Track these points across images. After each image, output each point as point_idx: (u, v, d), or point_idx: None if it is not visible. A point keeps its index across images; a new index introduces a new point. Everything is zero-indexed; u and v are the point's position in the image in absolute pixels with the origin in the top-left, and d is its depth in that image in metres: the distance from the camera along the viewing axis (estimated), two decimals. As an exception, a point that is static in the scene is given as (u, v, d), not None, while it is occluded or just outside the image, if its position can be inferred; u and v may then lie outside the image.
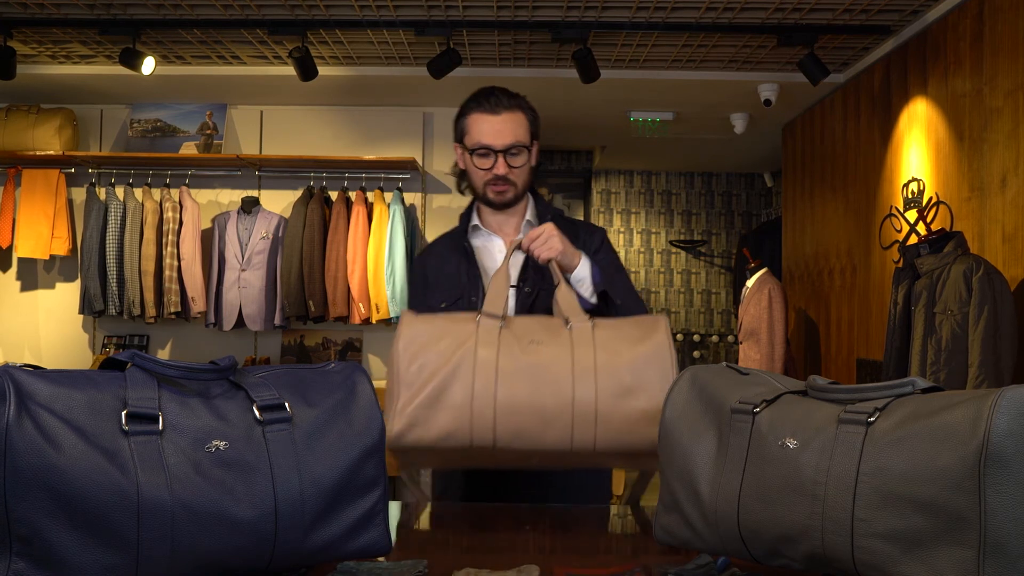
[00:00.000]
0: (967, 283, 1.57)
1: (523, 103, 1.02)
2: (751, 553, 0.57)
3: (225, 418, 0.54)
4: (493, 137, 0.98)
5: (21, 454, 0.47)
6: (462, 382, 0.72)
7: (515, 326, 0.77)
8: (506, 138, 0.98)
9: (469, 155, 1.01)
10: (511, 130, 0.98)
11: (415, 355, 0.73)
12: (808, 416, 0.56)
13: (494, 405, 0.71)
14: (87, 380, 0.51)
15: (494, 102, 0.99)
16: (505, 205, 1.03)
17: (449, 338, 0.74)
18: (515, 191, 1.01)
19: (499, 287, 0.79)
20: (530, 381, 0.72)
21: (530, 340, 0.75)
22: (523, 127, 1.00)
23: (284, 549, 0.53)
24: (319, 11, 2.20)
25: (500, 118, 0.98)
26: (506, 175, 0.99)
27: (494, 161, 0.99)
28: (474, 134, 1.00)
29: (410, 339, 0.74)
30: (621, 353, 0.74)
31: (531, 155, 1.03)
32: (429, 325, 0.76)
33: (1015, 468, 0.45)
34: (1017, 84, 1.70)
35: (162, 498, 0.49)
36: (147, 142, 2.96)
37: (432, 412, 0.72)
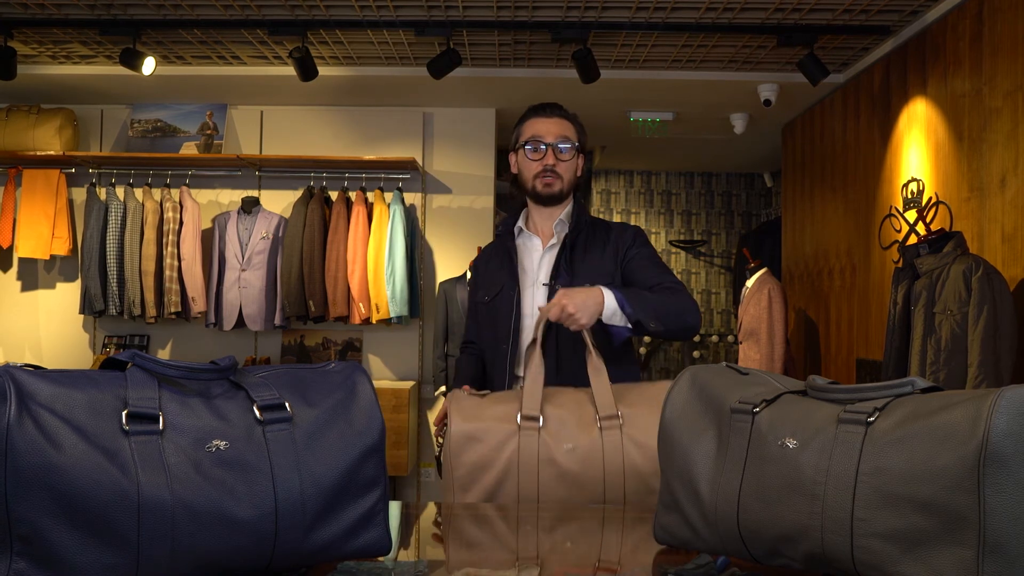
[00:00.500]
0: (966, 283, 1.57)
1: (575, 118, 1.16)
2: (751, 553, 0.57)
3: (225, 418, 0.54)
4: (544, 132, 1.11)
5: (22, 454, 0.47)
6: (509, 488, 0.83)
7: (551, 424, 0.85)
8: (556, 134, 1.11)
9: (523, 150, 1.13)
10: (561, 129, 1.12)
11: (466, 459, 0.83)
12: (808, 416, 0.56)
13: (537, 507, 0.82)
14: (88, 380, 0.51)
15: (549, 109, 1.13)
16: (551, 198, 1.13)
17: (494, 441, 0.83)
18: (561, 185, 1.12)
19: (534, 378, 0.86)
20: (568, 487, 0.83)
21: (567, 445, 0.83)
22: (572, 131, 1.14)
23: (284, 549, 0.53)
24: (319, 11, 2.20)
25: (552, 119, 1.12)
26: (554, 166, 1.11)
27: (544, 153, 1.11)
28: (528, 132, 1.13)
29: (459, 444, 0.83)
30: (646, 453, 0.83)
31: (578, 160, 1.15)
32: (473, 426, 0.84)
33: (1014, 468, 0.45)
34: (1016, 84, 1.70)
35: (162, 498, 0.49)
36: (147, 142, 2.97)
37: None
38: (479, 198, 3.12)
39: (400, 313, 2.78)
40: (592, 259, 1.11)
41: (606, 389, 0.85)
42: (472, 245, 3.06)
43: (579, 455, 0.82)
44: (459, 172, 3.11)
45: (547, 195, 1.11)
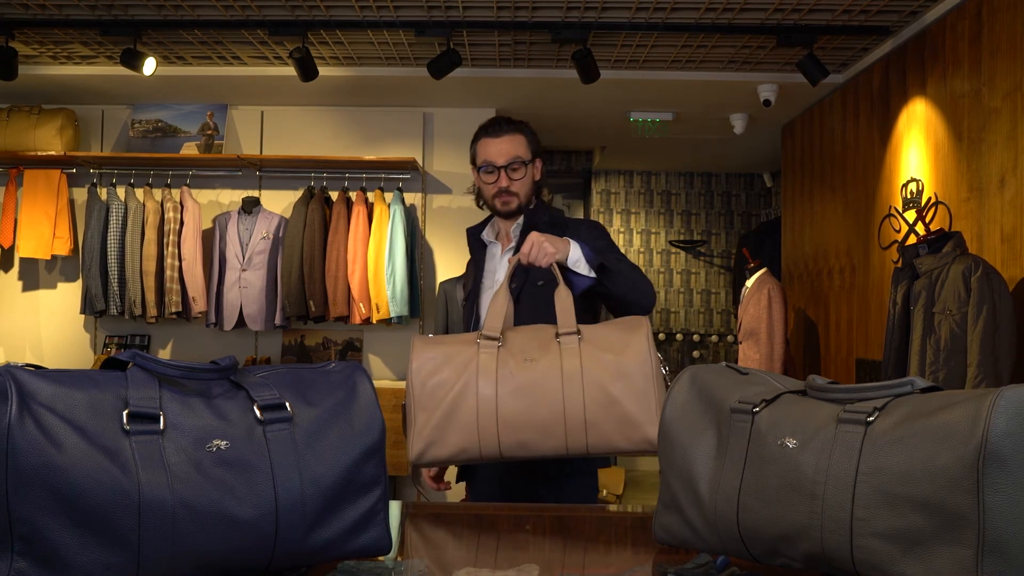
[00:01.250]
0: (966, 283, 1.57)
1: (523, 127, 1.18)
2: (750, 552, 0.57)
3: (226, 418, 0.54)
4: (495, 155, 1.15)
5: (23, 453, 0.47)
6: (468, 404, 0.81)
7: (511, 343, 0.85)
8: (507, 156, 1.15)
9: (479, 173, 1.19)
10: (511, 149, 1.15)
11: (426, 379, 0.83)
12: (807, 416, 0.56)
13: (497, 425, 0.80)
14: (88, 380, 0.51)
15: (495, 129, 1.17)
16: (511, 214, 1.19)
17: (454, 363, 0.83)
18: (518, 201, 1.18)
19: (498, 307, 0.87)
20: (527, 398, 0.81)
21: (525, 358, 0.83)
22: (523, 146, 1.17)
23: (285, 548, 0.53)
24: (319, 12, 2.20)
25: (501, 139, 1.16)
26: (508, 187, 1.15)
27: (497, 176, 1.15)
28: (481, 155, 1.18)
29: (420, 365, 0.83)
30: (606, 363, 0.82)
31: (533, 170, 1.18)
32: (435, 350, 0.85)
33: (1013, 468, 0.45)
34: (1015, 85, 1.70)
35: (163, 497, 0.49)
36: (148, 142, 2.97)
37: (445, 432, 0.81)
38: (479, 198, 3.12)
39: (400, 313, 2.78)
40: None
41: (568, 310, 0.85)
42: (472, 245, 3.06)
43: (537, 367, 0.82)
44: (459, 172, 3.11)
45: (506, 212, 1.18)
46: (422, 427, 0.81)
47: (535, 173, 1.19)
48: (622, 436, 0.80)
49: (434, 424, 0.81)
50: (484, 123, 1.19)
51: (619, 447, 0.81)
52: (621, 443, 0.81)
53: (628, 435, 0.80)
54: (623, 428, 0.80)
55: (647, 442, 0.80)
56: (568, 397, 0.80)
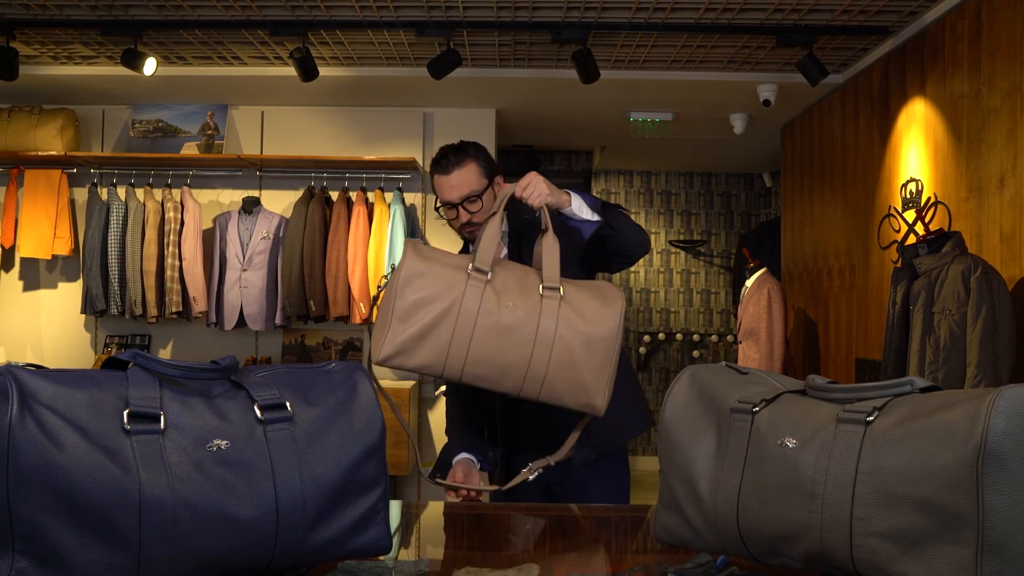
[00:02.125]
0: (965, 283, 1.57)
1: (471, 152, 1.17)
2: (750, 552, 0.57)
3: (226, 417, 0.54)
4: (450, 194, 1.16)
5: (24, 453, 0.47)
6: (445, 328, 0.85)
7: (498, 281, 0.88)
8: (461, 191, 1.15)
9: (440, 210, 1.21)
10: (463, 183, 1.15)
11: (410, 293, 0.85)
12: (807, 415, 0.56)
13: (466, 355, 0.85)
14: (89, 380, 0.51)
15: (444, 164, 1.16)
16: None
17: (440, 285, 0.86)
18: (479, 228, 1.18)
19: (489, 239, 0.90)
20: (499, 340, 0.85)
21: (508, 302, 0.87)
22: (474, 175, 1.16)
23: (285, 548, 0.53)
24: (320, 12, 2.20)
25: (452, 176, 1.15)
26: (469, 220, 1.16)
27: (456, 212, 1.16)
28: (438, 192, 1.18)
29: (408, 276, 0.86)
30: (577, 329, 0.86)
31: (491, 192, 1.18)
32: (426, 265, 0.87)
33: (1013, 467, 0.46)
34: (1015, 85, 1.70)
35: (164, 497, 0.49)
36: (148, 142, 2.97)
37: (416, 347, 0.85)
38: (479, 198, 3.11)
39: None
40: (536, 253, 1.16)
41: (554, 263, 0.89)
42: (472, 245, 3.06)
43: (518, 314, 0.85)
44: (459, 172, 3.11)
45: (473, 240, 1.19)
46: (395, 335, 0.84)
47: (497, 190, 1.18)
48: (572, 398, 0.87)
49: (408, 336, 0.84)
50: (435, 158, 1.18)
51: (565, 404, 0.88)
52: (568, 402, 0.87)
53: (577, 398, 0.87)
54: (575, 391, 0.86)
55: (591, 408, 0.87)
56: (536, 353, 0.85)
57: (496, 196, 1.18)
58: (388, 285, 0.86)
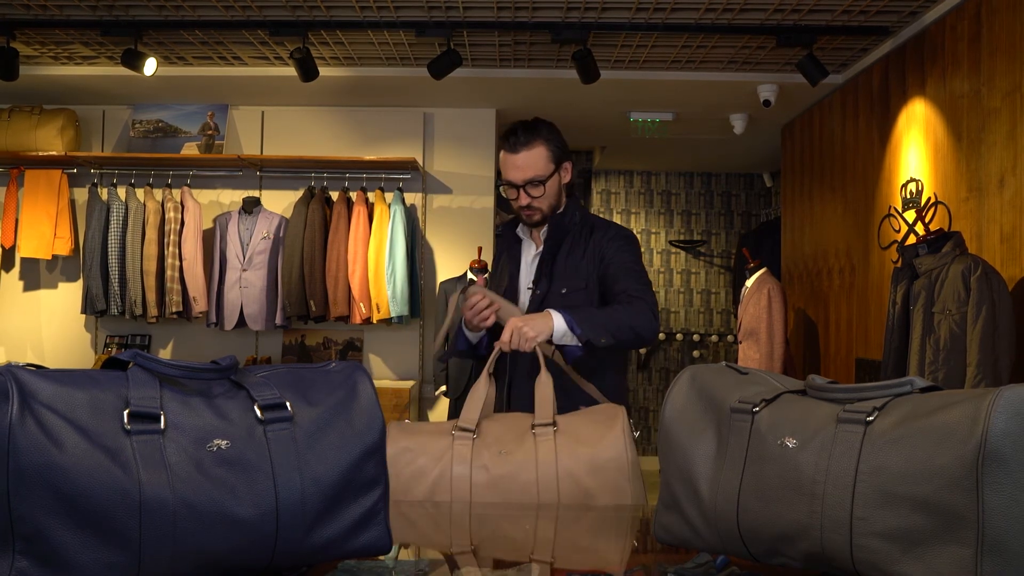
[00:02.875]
0: (965, 283, 1.57)
1: (543, 134, 1.15)
2: (750, 552, 0.57)
3: (226, 417, 0.54)
4: (514, 174, 1.15)
5: (24, 453, 0.47)
6: (443, 495, 0.83)
7: (487, 434, 0.86)
8: (525, 174, 1.14)
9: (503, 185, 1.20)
10: (529, 166, 1.14)
11: (402, 469, 0.84)
12: (807, 415, 0.56)
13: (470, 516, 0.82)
14: (89, 380, 0.51)
15: (513, 142, 1.15)
16: (536, 224, 1.19)
17: (427, 455, 0.84)
18: (541, 214, 1.18)
19: (476, 398, 0.88)
20: (500, 493, 0.82)
21: (500, 450, 0.84)
22: (542, 159, 1.14)
23: (285, 548, 0.53)
24: (320, 12, 2.20)
25: (519, 156, 1.14)
26: (529, 203, 1.15)
27: (517, 194, 1.15)
28: (503, 171, 1.17)
29: (396, 453, 0.85)
30: (580, 457, 0.82)
31: (557, 177, 1.17)
32: (411, 440, 0.86)
33: (1013, 467, 0.46)
34: (1015, 85, 1.70)
35: (164, 497, 0.49)
36: (149, 142, 2.97)
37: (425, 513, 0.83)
38: (479, 198, 3.12)
39: (401, 313, 2.79)
40: (572, 261, 1.16)
41: (547, 399, 0.86)
42: (472, 245, 3.06)
43: (512, 460, 0.83)
44: (459, 172, 3.11)
45: (532, 223, 1.19)
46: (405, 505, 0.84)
47: (561, 177, 1.17)
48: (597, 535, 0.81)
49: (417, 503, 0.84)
50: (505, 131, 1.17)
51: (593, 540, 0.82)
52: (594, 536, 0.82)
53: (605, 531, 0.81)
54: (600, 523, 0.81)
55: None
56: (542, 491, 0.81)
57: (561, 182, 1.16)
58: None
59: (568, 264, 1.16)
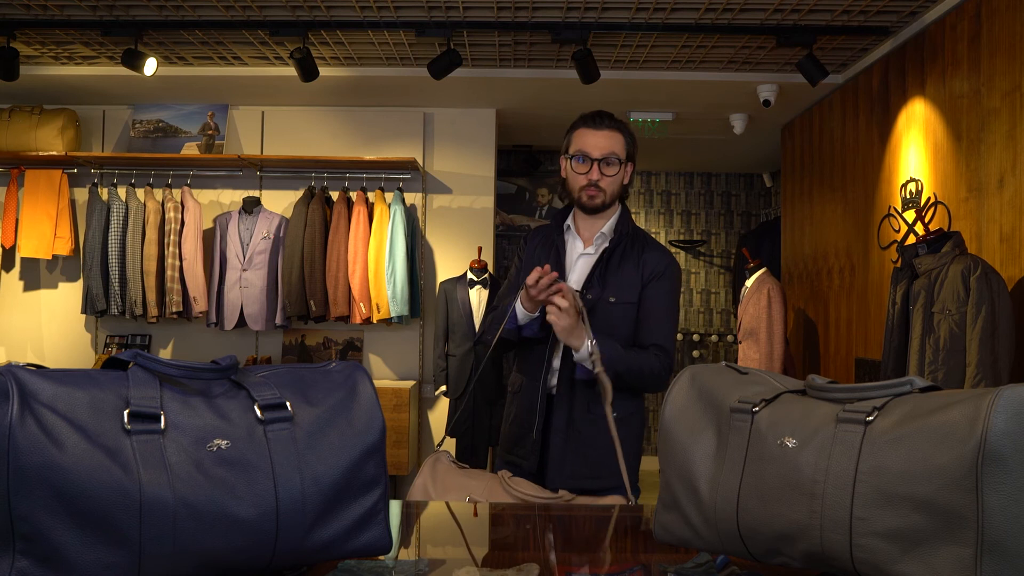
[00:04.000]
0: (965, 283, 1.57)
1: (625, 128, 1.17)
2: (750, 551, 0.57)
3: (227, 417, 0.54)
4: (592, 147, 1.14)
5: (24, 453, 0.47)
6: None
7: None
8: (603, 149, 1.14)
9: (569, 161, 1.17)
10: (608, 144, 1.14)
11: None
12: (807, 415, 0.56)
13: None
14: (89, 379, 0.52)
15: (599, 120, 1.15)
16: (595, 209, 1.17)
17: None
18: (604, 198, 1.16)
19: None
20: None
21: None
22: (620, 144, 1.15)
23: (285, 548, 0.53)
24: (320, 12, 2.20)
25: (601, 133, 1.14)
26: (598, 181, 1.14)
27: (589, 168, 1.14)
28: (576, 143, 1.16)
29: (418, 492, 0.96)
30: None
31: (624, 172, 1.17)
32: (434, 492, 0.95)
33: (1012, 467, 0.46)
34: (1014, 85, 1.70)
35: (164, 497, 0.49)
36: (149, 142, 2.97)
37: None
38: (479, 198, 3.12)
39: (401, 313, 2.79)
40: (625, 273, 1.15)
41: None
42: (472, 245, 3.06)
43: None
44: (459, 172, 3.11)
45: (591, 207, 1.16)
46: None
47: (625, 176, 1.18)
48: None
49: None
50: (586, 113, 1.17)
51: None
52: None
53: None
54: None
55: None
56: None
57: (625, 181, 1.17)
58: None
59: (621, 274, 1.14)
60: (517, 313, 1.11)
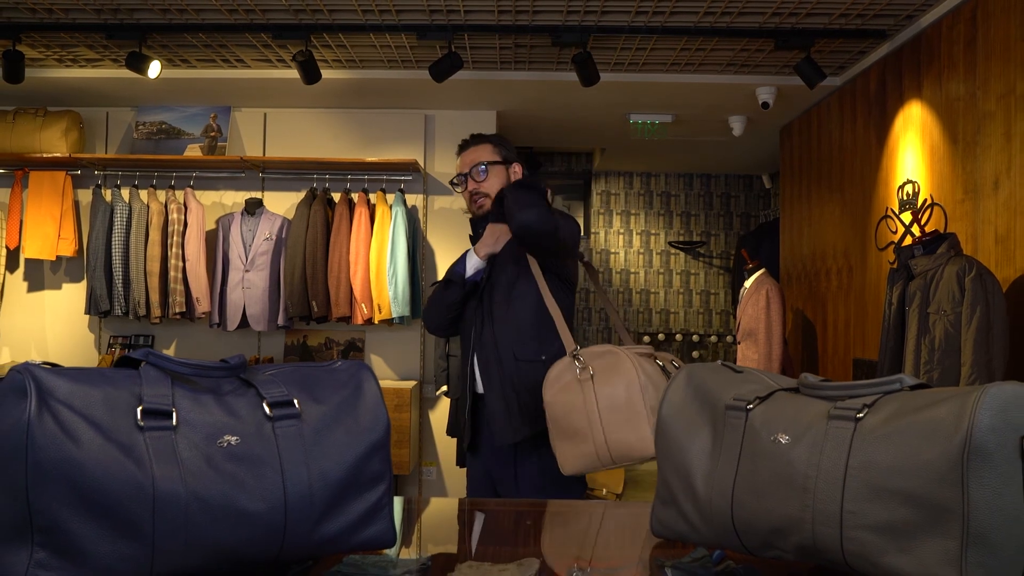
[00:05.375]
0: (960, 284, 1.58)
1: (489, 137, 1.30)
2: (744, 545, 0.59)
3: (236, 414, 0.55)
4: (461, 165, 1.30)
5: (42, 448, 0.48)
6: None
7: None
8: (470, 162, 1.28)
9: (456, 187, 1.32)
10: (475, 156, 1.28)
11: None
12: (800, 412, 0.57)
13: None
14: (103, 377, 0.53)
15: (463, 144, 1.31)
16: (485, 216, 1.29)
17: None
18: (491, 201, 1.28)
19: None
20: None
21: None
22: (486, 152, 1.28)
23: (293, 540, 0.54)
24: (323, 15, 2.22)
25: (467, 151, 1.30)
26: (476, 189, 1.27)
27: (465, 182, 1.28)
28: (457, 171, 1.31)
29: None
30: None
31: (507, 172, 1.29)
32: None
33: (997, 462, 0.46)
34: (1009, 88, 1.72)
35: (176, 491, 0.50)
36: (152, 144, 2.99)
37: None
38: (480, 200, 3.13)
39: (402, 313, 2.80)
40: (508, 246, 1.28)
41: None
42: (473, 246, 3.07)
43: None
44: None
45: (480, 216, 1.28)
46: None
47: (510, 176, 1.27)
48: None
49: None
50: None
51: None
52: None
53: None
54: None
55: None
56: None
57: (512, 179, 1.28)
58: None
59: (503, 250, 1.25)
60: (467, 261, 1.25)
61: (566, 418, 1.02)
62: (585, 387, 1.01)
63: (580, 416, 1.00)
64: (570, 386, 1.02)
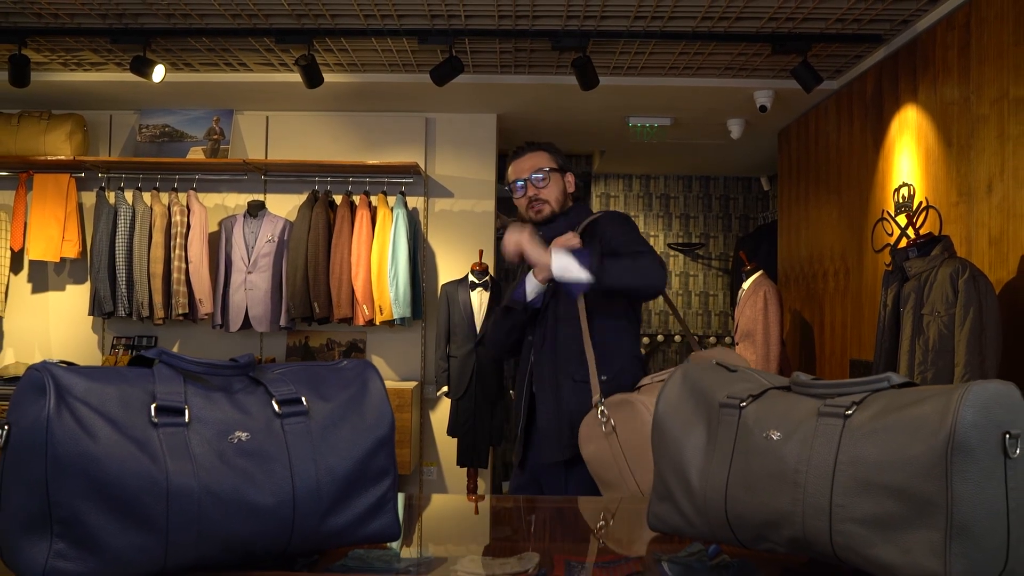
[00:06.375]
0: (953, 285, 1.60)
1: (544, 146, 1.29)
2: (738, 538, 0.60)
3: (246, 411, 0.57)
4: (518, 172, 1.28)
5: (61, 443, 0.50)
6: None
7: None
8: (528, 168, 1.27)
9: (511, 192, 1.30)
10: (532, 162, 1.27)
11: None
12: (791, 410, 0.59)
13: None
14: (118, 376, 0.55)
15: (518, 151, 1.30)
16: (546, 220, 1.27)
17: None
18: (550, 207, 1.27)
19: None
20: None
21: None
22: (544, 159, 1.28)
23: (302, 533, 0.56)
24: (325, 20, 2.24)
25: (523, 158, 1.29)
26: (536, 195, 1.25)
27: (524, 189, 1.27)
28: (510, 177, 1.30)
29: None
30: None
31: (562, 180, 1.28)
32: None
33: (979, 457, 0.48)
34: (1002, 92, 1.74)
35: (189, 485, 0.52)
36: (155, 147, 3.00)
37: None
38: (480, 202, 3.16)
39: (403, 315, 2.82)
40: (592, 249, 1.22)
41: None
42: (473, 248, 3.10)
43: None
44: (461, 176, 3.15)
45: (539, 221, 1.27)
46: None
47: (566, 185, 1.28)
48: None
49: None
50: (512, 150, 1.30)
51: None
52: None
53: None
54: None
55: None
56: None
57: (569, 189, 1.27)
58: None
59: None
60: (527, 285, 1.21)
61: (602, 471, 1.06)
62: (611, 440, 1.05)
63: (611, 469, 1.04)
64: (599, 440, 1.06)
